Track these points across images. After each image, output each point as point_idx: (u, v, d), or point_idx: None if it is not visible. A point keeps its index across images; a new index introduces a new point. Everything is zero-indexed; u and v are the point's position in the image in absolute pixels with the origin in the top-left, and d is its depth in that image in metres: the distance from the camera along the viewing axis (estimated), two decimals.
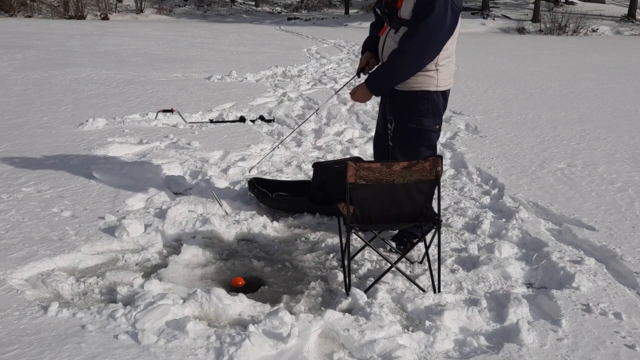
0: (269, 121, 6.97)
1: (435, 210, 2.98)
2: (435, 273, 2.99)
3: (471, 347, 2.50)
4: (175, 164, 4.92)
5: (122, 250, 3.45)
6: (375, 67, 3.43)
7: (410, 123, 3.32)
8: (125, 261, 3.31)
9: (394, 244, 3.55)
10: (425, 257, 3.10)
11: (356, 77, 3.69)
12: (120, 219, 3.73)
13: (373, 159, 3.91)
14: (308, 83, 10.28)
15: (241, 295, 2.84)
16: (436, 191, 2.92)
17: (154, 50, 15.49)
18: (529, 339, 2.50)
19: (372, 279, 3.04)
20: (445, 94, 3.36)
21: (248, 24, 32.24)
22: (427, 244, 3.07)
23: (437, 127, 3.38)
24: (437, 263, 3.02)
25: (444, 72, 3.27)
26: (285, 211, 4.11)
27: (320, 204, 3.95)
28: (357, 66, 3.64)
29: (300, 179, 4.76)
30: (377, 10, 3.40)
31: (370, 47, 3.55)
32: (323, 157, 5.42)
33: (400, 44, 3.17)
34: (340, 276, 3.09)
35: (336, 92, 5.31)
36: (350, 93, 3.46)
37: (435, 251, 3.04)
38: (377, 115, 3.76)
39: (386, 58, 3.29)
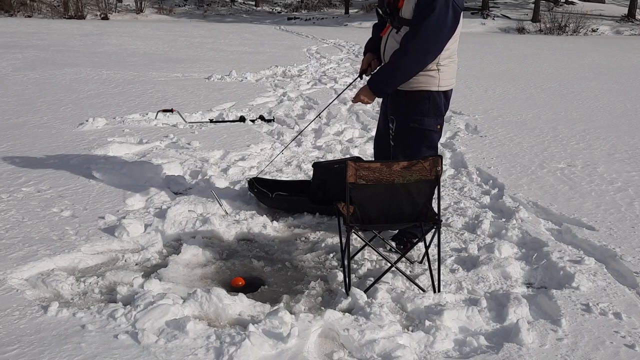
0: (268, 121, 6.97)
1: (435, 210, 2.98)
2: (435, 273, 2.99)
3: (471, 347, 2.50)
4: (175, 164, 4.92)
5: (122, 250, 3.45)
6: (377, 68, 3.41)
7: (411, 123, 3.32)
8: (125, 261, 3.31)
9: (394, 244, 3.55)
10: (425, 257, 3.10)
11: (358, 78, 3.69)
12: (120, 219, 3.73)
13: (373, 159, 3.91)
14: (308, 83, 10.28)
15: (241, 295, 2.84)
16: (436, 191, 2.92)
17: (154, 50, 15.49)
18: (528, 339, 2.51)
19: (372, 279, 3.04)
20: (447, 94, 3.36)
21: (248, 24, 32.24)
22: (427, 244, 3.07)
23: (439, 127, 3.38)
24: (437, 263, 3.02)
25: (446, 72, 3.27)
26: (285, 211, 4.11)
27: (320, 203, 3.95)
28: (359, 67, 3.64)
29: (300, 178, 4.76)
30: (379, 10, 3.39)
31: (372, 48, 3.55)
32: (323, 157, 5.42)
33: (401, 44, 3.16)
34: (340, 276, 3.09)
35: (338, 95, 5.31)
36: (352, 99, 3.43)
37: (435, 251, 3.04)
38: (379, 115, 3.76)
39: (388, 58, 3.28)
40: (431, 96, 3.27)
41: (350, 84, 4.78)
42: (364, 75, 3.61)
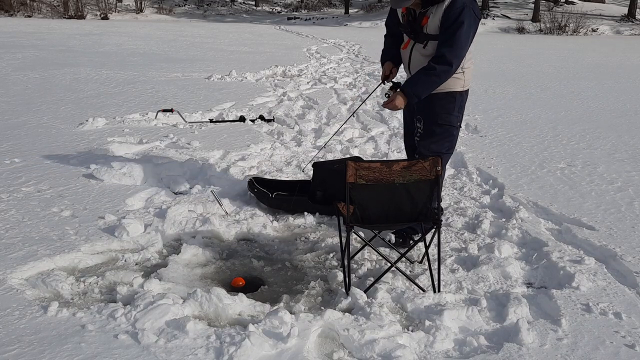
0: (268, 121, 6.97)
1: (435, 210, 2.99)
2: (435, 273, 2.99)
3: (471, 346, 2.50)
4: (175, 164, 4.91)
5: (122, 250, 3.45)
6: (411, 76, 3.49)
7: (439, 120, 3.52)
8: (125, 261, 3.31)
9: (393, 237, 3.59)
10: (425, 257, 3.11)
11: (382, 84, 3.85)
12: (120, 219, 3.73)
13: (376, 159, 3.94)
14: (308, 83, 10.28)
15: (241, 295, 2.84)
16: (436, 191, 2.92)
17: (154, 50, 15.49)
18: (528, 339, 2.51)
19: (372, 279, 3.04)
20: (467, 93, 3.60)
21: (248, 24, 32.24)
22: (427, 244, 3.07)
23: (459, 124, 3.60)
24: (437, 263, 3.02)
25: (468, 73, 3.52)
26: (285, 211, 4.11)
27: (320, 203, 3.95)
28: (381, 74, 3.80)
29: (300, 178, 4.76)
30: (400, 29, 3.56)
31: (389, 57, 3.74)
32: (323, 157, 5.42)
33: (440, 58, 3.28)
34: (340, 276, 3.09)
35: (363, 101, 5.34)
36: (384, 104, 3.49)
37: (435, 251, 3.04)
38: (403, 116, 3.95)
39: (415, 70, 3.45)
40: (456, 96, 3.51)
41: (374, 90, 4.93)
42: (385, 82, 3.77)
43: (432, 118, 3.54)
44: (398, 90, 3.44)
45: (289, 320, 2.55)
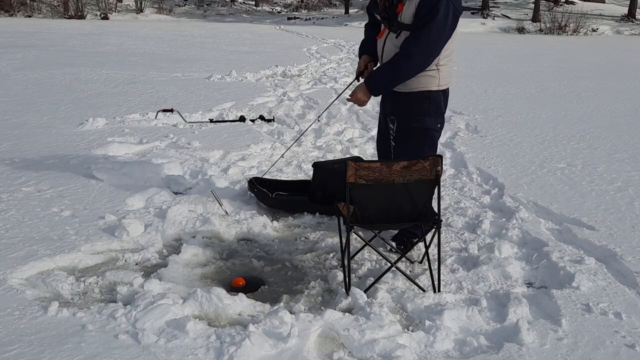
0: (269, 121, 6.97)
1: (435, 210, 2.98)
2: (435, 273, 2.99)
3: (471, 346, 2.50)
4: (175, 164, 4.92)
5: (122, 250, 3.45)
6: (375, 68, 3.41)
7: (414, 123, 3.33)
8: (125, 261, 3.31)
9: (394, 244, 3.55)
10: (425, 257, 3.10)
11: (356, 81, 3.67)
12: (120, 219, 3.73)
13: (376, 157, 3.90)
14: (308, 83, 10.28)
15: (241, 294, 2.84)
16: (436, 191, 2.92)
17: (154, 50, 15.49)
18: (529, 339, 2.51)
19: (372, 279, 3.04)
20: (445, 92, 3.38)
21: (248, 24, 32.25)
22: (427, 244, 3.07)
23: (439, 125, 3.39)
24: (437, 263, 3.02)
25: (444, 71, 3.29)
26: (285, 211, 4.10)
27: (320, 203, 3.95)
28: (356, 70, 3.63)
29: (300, 178, 4.76)
30: (376, 15, 3.40)
31: (366, 50, 3.55)
32: (323, 157, 5.42)
33: (404, 47, 3.16)
34: (340, 276, 3.09)
35: (337, 97, 5.27)
36: (347, 97, 3.44)
37: (435, 251, 3.04)
38: (379, 114, 3.76)
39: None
40: (431, 96, 3.29)
41: (348, 86, 4.79)
42: (360, 78, 3.60)
43: (405, 120, 3.34)
44: (361, 82, 3.29)
45: (289, 320, 2.55)
